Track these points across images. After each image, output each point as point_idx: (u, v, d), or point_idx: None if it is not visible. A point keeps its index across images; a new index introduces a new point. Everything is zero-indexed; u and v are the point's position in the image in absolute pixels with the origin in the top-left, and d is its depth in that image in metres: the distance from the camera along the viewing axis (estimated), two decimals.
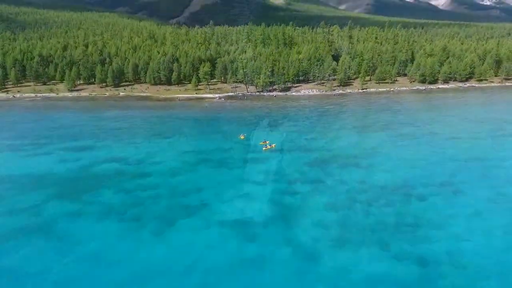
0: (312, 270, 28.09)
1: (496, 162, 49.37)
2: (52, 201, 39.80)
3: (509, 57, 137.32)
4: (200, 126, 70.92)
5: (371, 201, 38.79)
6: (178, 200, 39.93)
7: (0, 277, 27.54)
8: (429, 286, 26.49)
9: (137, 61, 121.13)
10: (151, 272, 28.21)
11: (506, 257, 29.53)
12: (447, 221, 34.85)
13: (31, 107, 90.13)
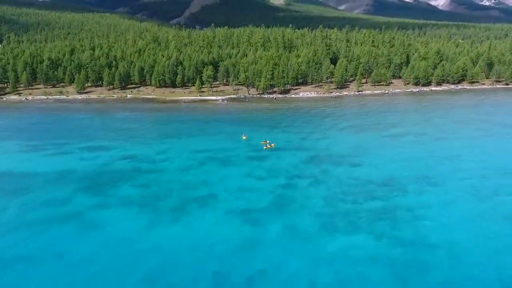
0: (305, 248, 33.92)
1: (472, 159, 55.19)
2: (79, 193, 45.62)
3: (501, 60, 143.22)
4: (206, 127, 76.68)
5: (358, 193, 44.66)
6: (189, 192, 45.73)
7: (41, 257, 33.27)
8: (405, 260, 32.27)
9: (142, 65, 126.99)
10: (168, 248, 34.07)
11: (468, 236, 35.38)
12: (422, 208, 40.73)
13: (45, 109, 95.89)
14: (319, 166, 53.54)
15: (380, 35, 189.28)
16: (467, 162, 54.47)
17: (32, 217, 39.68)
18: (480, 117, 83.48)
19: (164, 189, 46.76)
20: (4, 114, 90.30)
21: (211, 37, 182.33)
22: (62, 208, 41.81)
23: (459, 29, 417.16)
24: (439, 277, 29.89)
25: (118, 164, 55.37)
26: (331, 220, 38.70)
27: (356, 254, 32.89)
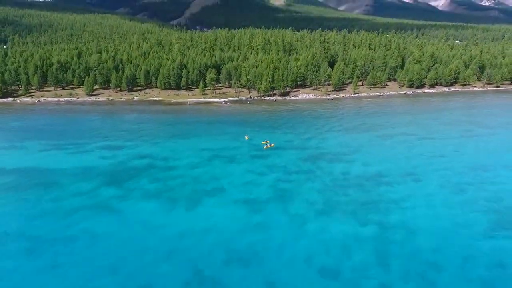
0: (301, 230, 40.55)
1: (452, 158, 61.80)
2: (104, 186, 52.19)
3: (492, 63, 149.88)
4: (211, 128, 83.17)
5: (349, 186, 51.28)
6: (199, 185, 52.30)
7: (79, 236, 39.80)
8: (384, 239, 38.81)
9: (148, 68, 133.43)
10: (185, 230, 40.68)
11: (443, 223, 41.97)
12: (403, 199, 47.35)
13: (58, 111, 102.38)
14: (314, 163, 60.10)
15: (377, 38, 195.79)
16: (447, 160, 61.07)
17: (68, 205, 46.30)
18: (466, 118, 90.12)
19: (177, 183, 53.34)
20: (21, 115, 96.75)
21: (213, 40, 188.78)
22: (92, 199, 48.41)
23: (457, 30, 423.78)
24: (412, 251, 36.53)
25: (135, 161, 61.92)
26: (324, 208, 45.31)
27: (344, 233, 39.56)
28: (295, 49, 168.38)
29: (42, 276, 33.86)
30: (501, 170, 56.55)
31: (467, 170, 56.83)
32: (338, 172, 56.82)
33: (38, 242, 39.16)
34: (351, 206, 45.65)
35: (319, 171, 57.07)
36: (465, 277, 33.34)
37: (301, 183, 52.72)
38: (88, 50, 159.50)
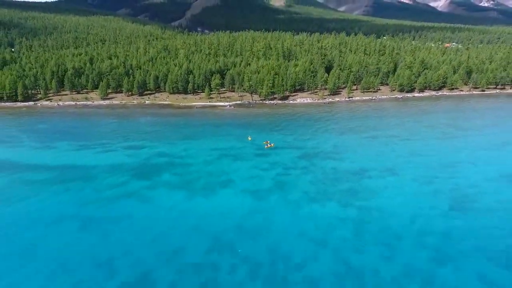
0: (295, 212, 51.75)
1: (427, 156, 73.04)
2: (132, 179, 63.36)
3: (479, 68, 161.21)
4: (218, 130, 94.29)
5: (336, 179, 62.53)
6: (212, 178, 63.47)
7: (119, 221, 50.89)
8: (362, 218, 49.92)
9: (157, 73, 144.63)
10: (202, 212, 51.81)
11: (409, 207, 53.15)
12: (380, 189, 58.60)
13: (78, 114, 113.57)
14: (309, 160, 71.34)
15: (372, 43, 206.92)
16: (422, 158, 72.32)
17: (107, 194, 57.53)
18: (446, 121, 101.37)
19: (194, 176, 64.53)
20: (46, 118, 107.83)
21: (215, 44, 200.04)
22: (126, 189, 59.63)
23: (454, 33, 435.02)
24: (382, 227, 47.77)
25: (155, 159, 73.14)
26: (315, 195, 56.56)
27: (330, 214, 50.85)
28: (294, 54, 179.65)
29: (97, 246, 45.00)
30: (464, 166, 67.83)
31: (437, 166, 68.04)
32: (329, 168, 68.07)
33: (89, 221, 50.35)
34: (337, 194, 56.91)
35: (313, 167, 68.32)
36: (420, 244, 44.49)
37: (297, 177, 63.95)
38: (99, 55, 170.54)
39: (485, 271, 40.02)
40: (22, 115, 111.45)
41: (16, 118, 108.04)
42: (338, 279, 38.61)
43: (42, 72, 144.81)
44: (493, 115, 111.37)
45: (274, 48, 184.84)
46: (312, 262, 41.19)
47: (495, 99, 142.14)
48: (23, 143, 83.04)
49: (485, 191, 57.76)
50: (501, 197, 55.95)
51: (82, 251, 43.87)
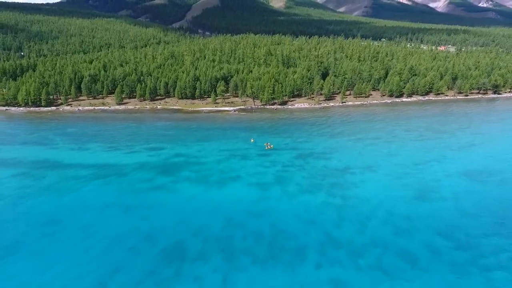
0: (292, 200, 66.72)
1: (403, 156, 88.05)
2: (157, 175, 78.27)
3: (463, 74, 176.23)
4: (225, 133, 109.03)
5: (325, 174, 77.54)
6: (223, 174, 78.39)
7: (152, 207, 65.78)
8: (343, 205, 64.87)
9: (166, 80, 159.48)
10: (218, 201, 66.74)
11: (381, 196, 68.11)
12: (360, 182, 73.61)
13: (99, 118, 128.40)
14: (303, 159, 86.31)
15: (367, 49, 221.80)
16: (398, 157, 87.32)
17: (139, 187, 72.49)
18: (425, 125, 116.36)
19: (208, 173, 79.45)
20: (71, 123, 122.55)
21: (219, 51, 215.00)
22: (153, 183, 74.60)
23: (450, 35, 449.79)
24: (359, 211, 62.78)
25: (174, 158, 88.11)
26: (307, 187, 71.55)
27: (318, 201, 65.88)
28: (294, 60, 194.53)
29: (139, 225, 59.86)
30: (431, 164, 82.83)
31: (409, 164, 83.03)
32: (320, 165, 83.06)
33: (130, 207, 65.24)
34: (325, 186, 71.88)
35: (306, 165, 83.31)
36: (385, 222, 59.36)
37: (293, 173, 78.92)
38: (111, 63, 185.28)
39: (433, 242, 54.87)
40: (50, 120, 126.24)
41: (45, 122, 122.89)
42: (322, 245, 53.52)
43: (61, 79, 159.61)
44: (468, 119, 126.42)
45: (274, 55, 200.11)
46: (303, 234, 56.15)
47: (476, 103, 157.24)
48: (59, 145, 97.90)
49: (444, 184, 72.76)
50: (455, 189, 70.93)
51: (128, 228, 58.78)
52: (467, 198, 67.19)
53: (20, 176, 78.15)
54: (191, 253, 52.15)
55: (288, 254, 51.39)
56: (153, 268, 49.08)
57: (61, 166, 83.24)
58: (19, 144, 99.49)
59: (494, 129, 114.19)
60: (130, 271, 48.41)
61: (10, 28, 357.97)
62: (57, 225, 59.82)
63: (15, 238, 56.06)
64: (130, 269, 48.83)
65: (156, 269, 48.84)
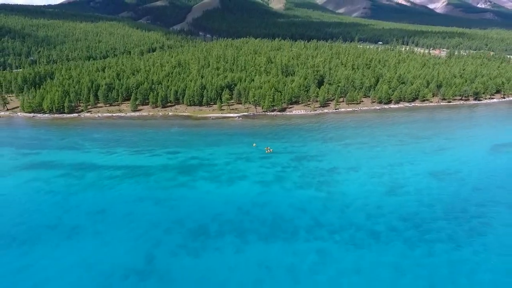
0: (288, 194, 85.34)
1: (382, 158, 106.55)
2: (177, 175, 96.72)
3: (448, 82, 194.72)
4: (231, 138, 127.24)
5: (316, 174, 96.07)
6: (232, 174, 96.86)
7: (176, 199, 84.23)
8: (328, 198, 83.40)
9: (176, 88, 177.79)
10: (228, 194, 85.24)
11: (360, 191, 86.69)
12: (344, 180, 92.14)
13: (118, 125, 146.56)
14: (298, 162, 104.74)
15: (360, 57, 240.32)
16: (378, 159, 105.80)
17: (163, 184, 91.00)
18: (406, 131, 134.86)
19: (219, 173, 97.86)
20: (93, 129, 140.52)
21: (222, 59, 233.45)
22: (174, 181, 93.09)
23: (444, 39, 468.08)
24: (341, 203, 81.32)
25: (190, 161, 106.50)
26: (301, 184, 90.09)
27: (309, 195, 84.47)
28: (292, 68, 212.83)
29: (169, 213, 78.24)
30: (404, 165, 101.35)
31: (386, 165, 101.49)
32: (312, 166, 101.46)
33: (159, 200, 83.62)
34: (315, 183, 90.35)
35: (301, 166, 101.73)
36: (360, 210, 77.79)
37: (289, 172, 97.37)
38: (124, 72, 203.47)
39: (394, 224, 73.28)
40: (75, 126, 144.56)
41: (72, 129, 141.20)
42: (311, 226, 71.92)
43: (79, 87, 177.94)
44: (445, 125, 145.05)
45: (274, 63, 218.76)
46: (296, 218, 74.64)
47: (457, 109, 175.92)
48: (90, 149, 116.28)
49: (410, 182, 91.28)
50: (419, 185, 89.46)
51: (160, 215, 77.20)
52: (427, 192, 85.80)
53: (64, 176, 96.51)
54: (211, 232, 70.66)
55: (284, 232, 69.90)
56: (184, 242, 67.54)
57: (96, 167, 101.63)
58: (55, 148, 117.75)
59: (464, 134, 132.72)
60: (168, 245, 66.86)
61: (17, 33, 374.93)
62: (105, 214, 78.27)
63: (75, 223, 74.46)
64: (167, 243, 67.28)
65: (186, 243, 67.29)
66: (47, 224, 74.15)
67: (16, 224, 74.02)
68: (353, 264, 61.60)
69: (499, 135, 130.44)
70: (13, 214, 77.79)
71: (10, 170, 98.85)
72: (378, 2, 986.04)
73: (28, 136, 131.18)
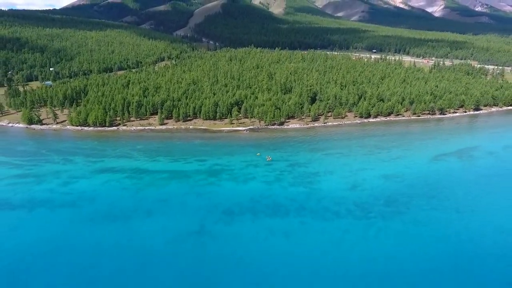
0: (284, 190, 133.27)
1: (352, 165, 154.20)
2: (207, 177, 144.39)
3: (419, 99, 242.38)
4: (242, 149, 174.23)
5: (304, 176, 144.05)
6: (244, 176, 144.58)
7: (208, 193, 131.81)
8: (310, 193, 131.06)
9: (194, 105, 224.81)
10: (243, 191, 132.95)
11: (333, 187, 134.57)
12: (322, 180, 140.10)
13: (152, 137, 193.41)
14: (291, 167, 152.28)
15: (348, 74, 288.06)
16: (348, 165, 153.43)
17: (199, 183, 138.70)
18: (375, 143, 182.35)
19: (235, 175, 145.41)
20: (135, 141, 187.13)
21: (229, 75, 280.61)
22: (206, 180, 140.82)
23: (434, 48, 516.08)
24: (319, 196, 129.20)
25: (214, 166, 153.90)
26: (292, 183, 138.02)
27: (298, 190, 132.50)
28: (290, 84, 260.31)
29: (207, 203, 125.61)
30: (367, 171, 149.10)
31: (354, 170, 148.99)
32: (301, 171, 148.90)
33: (199, 194, 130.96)
34: (303, 183, 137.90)
35: (293, 171, 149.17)
36: (331, 201, 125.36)
37: (285, 175, 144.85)
38: (147, 90, 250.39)
39: (351, 208, 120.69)
40: (119, 138, 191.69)
41: (117, 141, 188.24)
42: (298, 209, 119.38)
43: (115, 104, 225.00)
44: (407, 138, 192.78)
45: (274, 79, 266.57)
46: (289, 205, 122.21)
47: (424, 123, 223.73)
48: (138, 158, 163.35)
49: (367, 182, 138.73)
50: (372, 184, 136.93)
51: (201, 203, 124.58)
52: (376, 188, 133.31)
53: (128, 177, 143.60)
54: (235, 212, 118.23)
55: (281, 212, 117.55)
56: (220, 217, 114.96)
57: (149, 171, 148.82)
58: (112, 157, 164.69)
59: (418, 146, 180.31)
60: (210, 219, 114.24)
61: (34, 43, 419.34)
62: (165, 202, 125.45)
63: (148, 208, 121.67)
64: (210, 218, 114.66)
65: (221, 218, 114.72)
66: (130, 209, 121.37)
67: (111, 208, 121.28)
68: (322, 229, 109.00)
69: (443, 146, 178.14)
70: (106, 202, 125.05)
71: (90, 174, 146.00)
72: (376, 5, 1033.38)
73: (87, 147, 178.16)
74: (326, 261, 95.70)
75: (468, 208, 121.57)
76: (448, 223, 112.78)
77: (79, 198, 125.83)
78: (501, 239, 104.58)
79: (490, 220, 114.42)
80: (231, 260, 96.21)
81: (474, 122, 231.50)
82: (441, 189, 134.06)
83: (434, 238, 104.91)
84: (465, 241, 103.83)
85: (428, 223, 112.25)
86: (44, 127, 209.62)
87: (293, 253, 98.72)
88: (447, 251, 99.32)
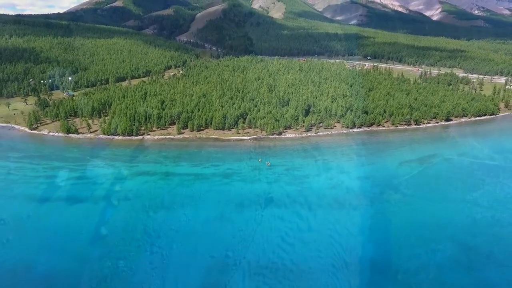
0: (282, 188, 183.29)
1: (333, 170, 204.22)
2: (222, 178, 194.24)
3: (397, 112, 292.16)
4: (247, 155, 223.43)
5: (296, 178, 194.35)
6: (251, 177, 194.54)
7: (224, 191, 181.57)
8: (301, 190, 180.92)
9: (206, 117, 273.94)
10: (251, 189, 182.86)
11: (317, 186, 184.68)
12: (310, 181, 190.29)
13: (172, 145, 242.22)
14: (287, 171, 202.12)
15: (339, 88, 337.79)
16: (332, 170, 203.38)
17: (217, 183, 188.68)
18: (355, 151, 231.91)
19: (244, 177, 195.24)
20: (159, 149, 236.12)
21: (234, 88, 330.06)
22: (222, 181, 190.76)
23: (424, 56, 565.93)
24: (307, 192, 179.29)
25: (227, 170, 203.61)
26: (287, 183, 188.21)
27: (291, 189, 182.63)
28: (288, 96, 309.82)
29: (223, 198, 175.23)
30: (345, 173, 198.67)
31: (336, 173, 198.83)
32: (294, 174, 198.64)
33: (217, 191, 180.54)
34: (295, 183, 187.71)
35: (288, 174, 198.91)
36: (317, 196, 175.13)
37: (281, 177, 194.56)
38: (164, 103, 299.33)
39: (330, 202, 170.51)
40: (146, 147, 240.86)
41: (145, 149, 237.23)
42: (291, 202, 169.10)
43: (139, 115, 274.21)
44: (382, 146, 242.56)
45: (274, 92, 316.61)
46: (284, 199, 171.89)
47: (400, 133, 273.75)
48: (165, 163, 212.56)
49: (345, 182, 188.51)
50: (348, 184, 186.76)
51: (221, 198, 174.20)
52: (351, 188, 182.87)
53: (161, 179, 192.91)
54: (245, 205, 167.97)
55: (279, 205, 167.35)
56: (235, 208, 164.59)
57: (176, 174, 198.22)
58: (145, 162, 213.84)
59: (390, 153, 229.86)
60: (228, 209, 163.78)
61: (49, 53, 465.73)
62: (193, 197, 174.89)
63: (182, 202, 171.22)
64: (227, 209, 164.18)
65: (235, 208, 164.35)
66: (169, 202, 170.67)
67: (155, 202, 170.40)
68: (307, 216, 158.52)
69: (410, 154, 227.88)
70: (150, 197, 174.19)
71: (131, 176, 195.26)
72: (375, 9, 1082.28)
73: (122, 154, 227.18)
74: (310, 236, 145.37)
75: (416, 200, 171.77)
76: (400, 212, 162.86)
77: (130, 194, 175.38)
78: (431, 222, 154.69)
79: (430, 210, 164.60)
80: (244, 236, 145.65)
81: (442, 132, 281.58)
82: (401, 188, 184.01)
83: (387, 222, 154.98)
84: (409, 224, 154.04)
85: (384, 212, 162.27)
86: (80, 136, 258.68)
87: (287, 231, 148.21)
88: (397, 231, 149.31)
